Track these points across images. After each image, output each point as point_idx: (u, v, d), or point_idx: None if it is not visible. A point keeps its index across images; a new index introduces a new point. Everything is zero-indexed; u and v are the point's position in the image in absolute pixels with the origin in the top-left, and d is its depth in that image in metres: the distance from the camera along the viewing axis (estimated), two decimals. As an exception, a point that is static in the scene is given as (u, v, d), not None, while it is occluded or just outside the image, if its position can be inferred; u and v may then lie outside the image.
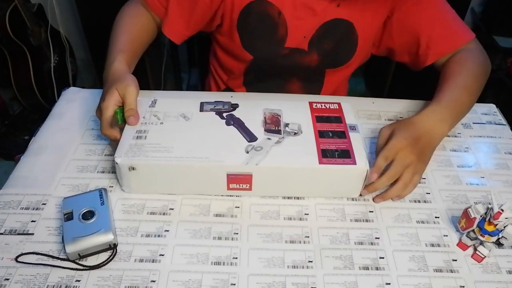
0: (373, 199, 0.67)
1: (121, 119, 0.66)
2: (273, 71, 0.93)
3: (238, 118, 0.69)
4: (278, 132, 0.67)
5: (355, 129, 0.68)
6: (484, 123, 0.85)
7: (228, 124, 0.68)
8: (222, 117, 0.69)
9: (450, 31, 0.83)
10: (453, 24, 0.83)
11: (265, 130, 0.67)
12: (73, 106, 0.82)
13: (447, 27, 0.82)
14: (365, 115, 0.84)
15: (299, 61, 0.88)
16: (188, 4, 0.81)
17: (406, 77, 1.36)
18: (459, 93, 0.76)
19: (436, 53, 0.83)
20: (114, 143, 0.66)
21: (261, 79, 0.95)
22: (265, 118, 0.69)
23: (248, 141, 0.65)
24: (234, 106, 0.71)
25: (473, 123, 0.85)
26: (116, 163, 0.61)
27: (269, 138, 0.65)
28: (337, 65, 0.90)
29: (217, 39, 0.91)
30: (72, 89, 0.86)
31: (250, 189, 0.65)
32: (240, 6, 0.81)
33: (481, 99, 0.85)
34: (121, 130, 0.66)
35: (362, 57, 0.91)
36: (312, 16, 0.82)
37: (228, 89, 1.00)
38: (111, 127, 0.65)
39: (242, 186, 0.64)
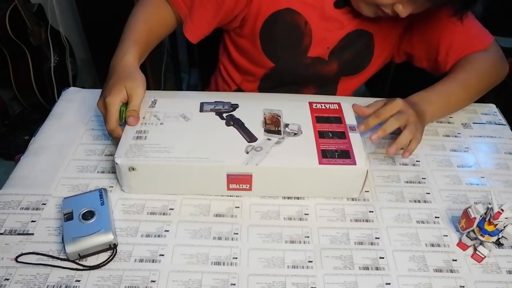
0: (388, 150, 0.67)
1: (124, 118, 0.66)
2: (291, 79, 0.92)
3: (238, 119, 0.68)
4: (278, 132, 0.67)
5: (355, 130, 0.68)
6: (484, 123, 0.85)
7: (228, 124, 0.68)
8: (222, 118, 0.69)
9: (469, 37, 0.83)
10: (473, 30, 0.83)
11: (265, 131, 0.67)
12: (73, 106, 0.82)
13: (466, 33, 0.82)
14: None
15: (319, 70, 0.89)
16: (213, 8, 0.78)
17: (406, 77, 1.37)
18: (454, 86, 0.78)
19: (455, 58, 0.83)
20: (116, 141, 0.66)
21: (278, 85, 0.94)
22: (265, 118, 0.69)
23: (248, 142, 0.65)
24: (234, 107, 0.71)
25: (473, 123, 0.85)
26: (116, 163, 0.61)
27: (269, 139, 0.65)
28: (352, 73, 0.91)
29: (235, 40, 0.90)
30: (72, 89, 0.86)
31: (250, 189, 0.65)
32: (266, 13, 0.80)
33: (481, 99, 0.85)
34: (122, 128, 0.66)
35: (377, 66, 0.93)
36: (338, 29, 0.83)
37: (239, 90, 0.99)
38: (119, 124, 0.65)
39: (242, 186, 0.64)
